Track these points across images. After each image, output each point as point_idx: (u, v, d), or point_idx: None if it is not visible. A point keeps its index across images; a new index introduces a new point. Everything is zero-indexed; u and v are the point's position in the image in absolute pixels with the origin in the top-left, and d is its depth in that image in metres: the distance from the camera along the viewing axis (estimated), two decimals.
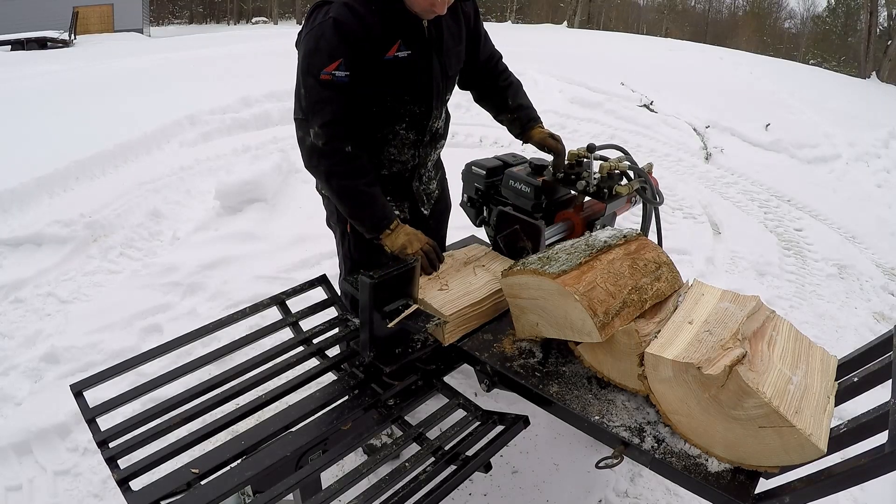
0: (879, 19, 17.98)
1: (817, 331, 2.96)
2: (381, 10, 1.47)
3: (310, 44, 1.45)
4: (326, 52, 1.43)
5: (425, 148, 1.73)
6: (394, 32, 1.50)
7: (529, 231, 1.78)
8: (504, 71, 1.90)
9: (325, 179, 1.53)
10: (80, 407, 1.35)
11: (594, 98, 6.76)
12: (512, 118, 1.88)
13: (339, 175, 1.51)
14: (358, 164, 1.52)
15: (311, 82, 1.45)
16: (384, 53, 1.49)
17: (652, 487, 1.93)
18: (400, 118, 1.62)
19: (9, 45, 12.03)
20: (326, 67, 1.43)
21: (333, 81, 1.44)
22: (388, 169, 1.70)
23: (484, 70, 1.85)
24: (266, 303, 1.67)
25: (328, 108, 1.45)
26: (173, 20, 31.58)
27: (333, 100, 1.45)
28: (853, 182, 5.43)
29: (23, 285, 2.81)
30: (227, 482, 1.21)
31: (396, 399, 1.46)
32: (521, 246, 1.78)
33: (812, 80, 11.13)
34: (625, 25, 34.54)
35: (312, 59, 1.45)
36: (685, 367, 1.11)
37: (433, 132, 1.72)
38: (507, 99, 1.86)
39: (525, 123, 1.87)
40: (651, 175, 1.99)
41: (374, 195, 1.55)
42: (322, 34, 1.43)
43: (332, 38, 1.42)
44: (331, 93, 1.44)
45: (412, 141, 1.67)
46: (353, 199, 1.54)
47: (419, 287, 1.54)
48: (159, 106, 5.27)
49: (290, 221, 3.51)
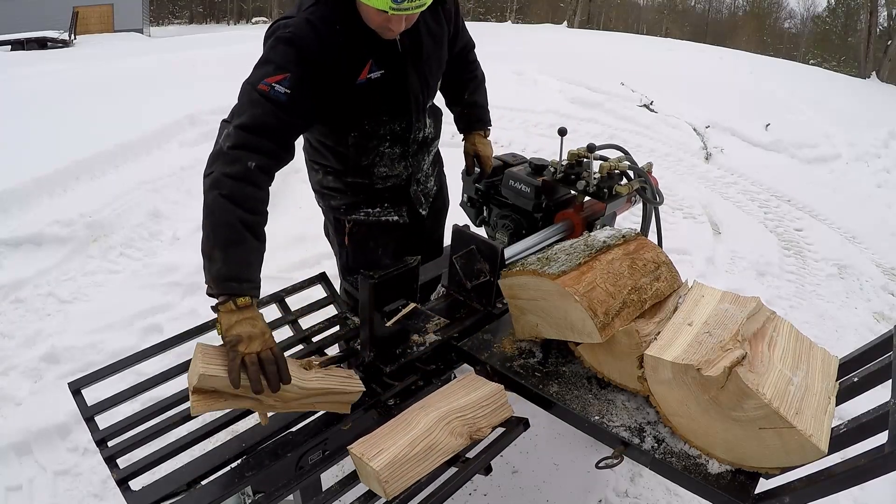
0: (879, 19, 17.99)
1: (817, 331, 2.96)
2: (347, 29, 1.35)
3: (261, 56, 1.34)
4: (274, 64, 1.30)
5: (416, 157, 1.66)
6: (363, 52, 1.38)
7: (487, 252, 1.57)
8: (472, 62, 1.84)
9: (210, 187, 1.21)
10: (79, 405, 1.35)
11: (594, 98, 6.76)
12: (461, 112, 1.85)
13: (225, 188, 1.19)
14: (250, 191, 1.22)
15: (247, 87, 1.30)
16: (356, 77, 1.39)
17: (652, 487, 1.93)
18: (381, 138, 1.53)
19: (9, 45, 12.02)
20: (268, 78, 1.28)
21: (269, 94, 1.27)
22: (382, 184, 1.63)
23: (455, 60, 1.77)
24: (265, 300, 1.67)
25: (254, 111, 1.27)
26: (173, 20, 31.59)
27: (263, 108, 1.27)
28: (853, 182, 5.43)
29: (23, 285, 2.81)
30: (227, 482, 1.21)
31: (396, 399, 1.46)
32: (477, 269, 1.59)
33: (812, 80, 11.13)
34: (625, 25, 34.54)
35: (257, 69, 1.32)
36: (685, 368, 1.11)
37: (419, 141, 1.64)
38: (464, 92, 1.82)
39: (470, 123, 1.84)
40: (651, 175, 1.99)
41: (245, 240, 1.19)
42: (274, 47, 1.32)
43: (285, 53, 1.30)
44: (263, 101, 1.27)
45: (399, 154, 1.60)
46: (220, 227, 1.18)
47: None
48: (159, 106, 5.27)
49: (290, 221, 3.51)
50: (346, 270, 1.81)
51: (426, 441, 1.18)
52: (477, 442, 1.28)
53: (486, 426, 1.30)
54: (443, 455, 1.21)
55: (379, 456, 1.13)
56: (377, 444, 1.16)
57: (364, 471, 1.16)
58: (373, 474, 1.12)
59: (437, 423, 1.22)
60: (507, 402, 1.35)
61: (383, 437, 1.19)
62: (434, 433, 1.20)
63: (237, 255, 1.18)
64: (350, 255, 1.76)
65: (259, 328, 1.17)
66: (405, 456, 1.15)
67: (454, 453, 1.23)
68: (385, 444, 1.16)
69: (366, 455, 1.14)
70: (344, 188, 1.67)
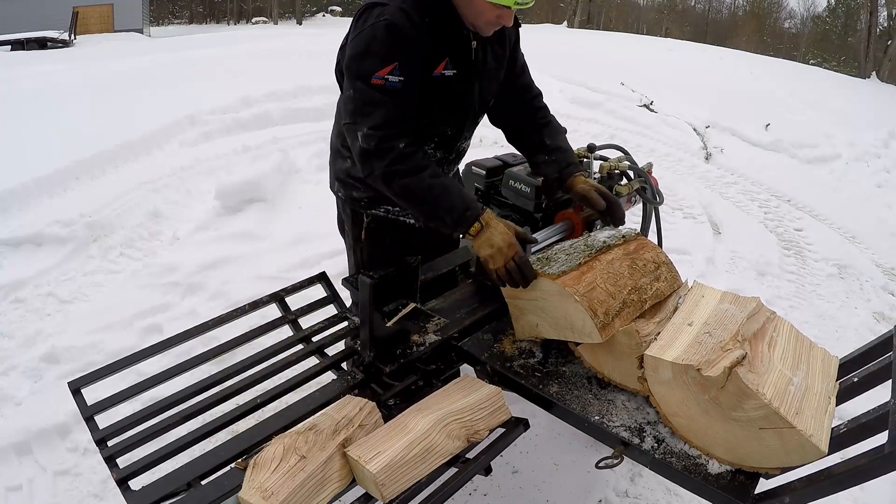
0: (879, 19, 17.99)
1: (817, 331, 2.96)
2: (435, 23, 1.38)
3: (359, 46, 1.35)
4: (379, 56, 1.33)
5: (449, 165, 1.69)
6: (443, 49, 1.42)
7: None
8: (542, 108, 1.74)
9: (385, 183, 1.37)
10: (78, 404, 1.35)
11: (594, 98, 6.76)
12: (547, 158, 1.67)
13: (399, 174, 1.36)
14: (416, 159, 1.37)
15: (360, 85, 1.35)
16: (433, 70, 1.42)
17: (652, 487, 1.93)
18: (430, 138, 1.55)
19: (9, 45, 12.02)
20: (378, 71, 1.32)
21: (385, 87, 1.33)
22: None
23: (520, 102, 1.71)
24: (265, 300, 1.67)
25: (378, 110, 1.34)
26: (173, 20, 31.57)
27: (384, 103, 1.34)
28: (853, 182, 5.43)
29: (23, 285, 2.81)
30: (227, 482, 1.21)
31: (396, 399, 1.46)
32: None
33: (812, 80, 11.13)
34: (625, 25, 34.52)
35: (363, 63, 1.34)
36: (684, 368, 1.11)
37: (459, 151, 1.68)
38: (545, 138, 1.67)
39: (563, 168, 1.64)
40: (651, 175, 1.99)
41: (447, 186, 1.38)
42: (374, 36, 1.33)
43: (386, 42, 1.32)
44: (381, 97, 1.34)
45: (438, 160, 1.61)
46: (422, 195, 1.37)
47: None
48: (159, 106, 5.27)
49: (290, 221, 3.52)
50: (360, 266, 1.79)
51: (423, 444, 1.18)
52: (474, 444, 1.28)
53: (483, 429, 1.29)
54: (440, 457, 1.20)
55: (376, 459, 1.13)
56: (374, 447, 1.16)
57: (361, 473, 1.16)
58: (370, 477, 1.12)
59: (435, 426, 1.22)
60: (504, 404, 1.35)
61: (380, 439, 1.19)
62: (431, 436, 1.20)
63: (453, 198, 1.37)
64: (365, 250, 1.74)
65: (507, 239, 1.37)
66: (402, 459, 1.14)
67: (451, 456, 1.23)
68: (382, 447, 1.16)
69: (363, 458, 1.13)
70: None
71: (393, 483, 1.12)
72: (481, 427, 1.29)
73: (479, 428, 1.28)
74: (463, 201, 1.38)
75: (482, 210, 1.38)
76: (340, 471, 1.17)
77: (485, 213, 1.38)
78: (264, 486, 1.08)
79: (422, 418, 1.23)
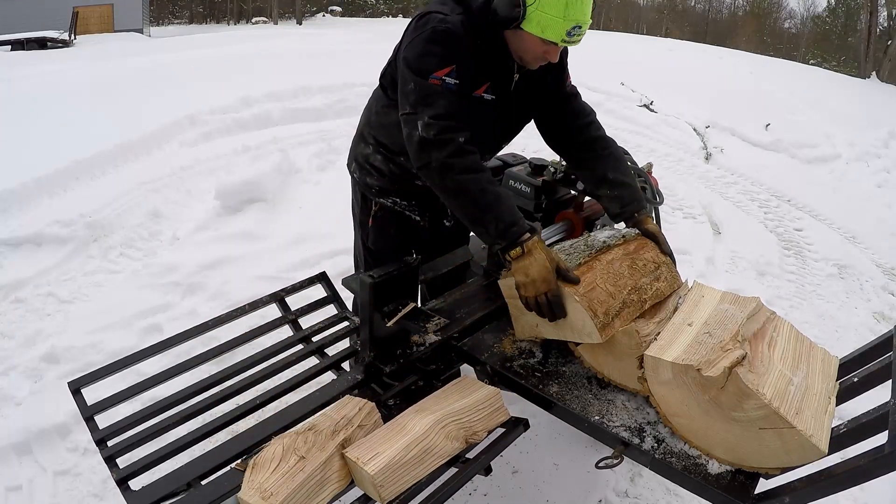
0: (879, 19, 17.97)
1: (817, 331, 2.96)
2: (485, 47, 1.43)
3: (418, 47, 1.39)
4: (438, 56, 1.37)
5: None
6: (486, 73, 1.46)
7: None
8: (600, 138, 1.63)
9: (440, 175, 1.36)
10: (78, 404, 1.35)
11: (594, 98, 6.74)
12: (610, 194, 1.57)
13: (456, 168, 1.34)
14: (475, 159, 1.37)
15: (421, 82, 1.38)
16: (474, 90, 1.46)
17: (652, 487, 1.93)
18: None
19: (9, 45, 12.01)
20: (437, 72, 1.36)
21: (442, 88, 1.37)
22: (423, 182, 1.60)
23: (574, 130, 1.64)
24: (265, 300, 1.67)
25: (440, 101, 1.36)
26: (173, 20, 31.56)
27: (445, 97, 1.37)
28: (853, 182, 5.43)
29: (23, 285, 2.81)
30: (227, 482, 1.21)
31: (396, 399, 1.46)
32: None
33: (812, 80, 11.13)
34: (625, 25, 34.53)
35: (423, 61, 1.38)
36: (684, 369, 1.11)
37: None
38: (607, 172, 1.58)
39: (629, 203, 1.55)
40: (651, 175, 1.99)
41: (500, 195, 1.36)
42: (435, 39, 1.38)
43: (447, 44, 1.37)
44: (442, 92, 1.37)
45: None
46: (475, 197, 1.34)
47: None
48: (159, 106, 5.27)
49: (290, 221, 3.52)
50: (365, 249, 1.84)
51: (422, 445, 1.18)
52: (473, 446, 1.28)
53: (481, 430, 1.29)
54: (438, 459, 1.20)
55: (374, 460, 1.12)
56: (372, 448, 1.16)
57: (359, 475, 1.16)
58: (368, 478, 1.11)
59: (433, 427, 1.21)
60: (503, 405, 1.35)
61: (378, 440, 1.19)
62: (430, 437, 1.20)
63: (503, 208, 1.34)
64: (371, 236, 1.79)
65: (544, 275, 1.30)
66: (400, 460, 1.14)
67: (450, 457, 1.22)
68: (380, 448, 1.15)
69: (360, 459, 1.13)
70: (386, 171, 1.71)
71: (391, 484, 1.12)
72: (479, 428, 1.29)
73: (477, 429, 1.28)
74: (512, 215, 1.34)
75: (528, 231, 1.34)
76: (340, 471, 1.17)
77: (531, 238, 1.33)
78: (263, 486, 1.09)
79: (420, 419, 1.23)
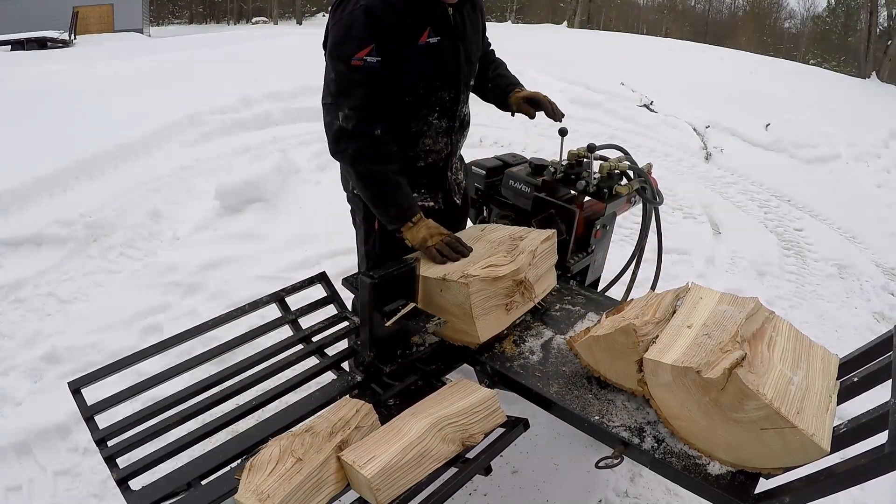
0: (879, 19, 17.95)
1: (817, 331, 2.96)
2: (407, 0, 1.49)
3: (340, 32, 1.46)
4: (357, 39, 1.44)
5: (456, 135, 1.74)
6: (423, 20, 1.52)
7: (564, 215, 1.88)
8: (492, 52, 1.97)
9: (352, 163, 1.52)
10: (78, 404, 1.35)
11: (594, 98, 6.76)
12: (492, 85, 1.89)
13: (367, 159, 1.51)
14: (387, 150, 1.53)
15: (342, 68, 1.46)
16: (417, 40, 1.52)
17: (652, 487, 1.93)
18: (431, 107, 1.63)
19: (9, 45, 12.00)
20: (357, 53, 1.44)
21: (364, 66, 1.45)
22: (424, 160, 1.71)
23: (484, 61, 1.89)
24: (265, 300, 1.67)
25: (359, 91, 1.47)
26: (173, 20, 31.57)
27: (364, 83, 1.46)
28: (853, 182, 5.43)
29: (23, 285, 2.81)
30: (227, 482, 1.21)
31: (396, 399, 1.46)
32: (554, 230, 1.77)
33: (812, 80, 11.12)
34: (625, 25, 34.51)
35: (343, 46, 1.46)
36: (684, 371, 1.11)
37: (462, 118, 1.75)
38: (488, 71, 1.90)
39: (503, 88, 1.87)
40: (651, 175, 1.99)
41: (401, 184, 1.55)
42: (353, 22, 1.44)
43: (364, 26, 1.43)
44: (362, 77, 1.46)
45: (444, 129, 1.69)
46: (380, 185, 1.53)
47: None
48: (159, 106, 5.26)
49: (290, 221, 3.51)
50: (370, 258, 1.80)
51: (418, 448, 1.18)
52: (469, 448, 1.28)
53: (478, 432, 1.29)
54: (435, 462, 1.20)
55: (370, 463, 1.12)
56: (369, 451, 1.16)
57: (356, 478, 1.15)
58: (364, 482, 1.11)
59: (430, 430, 1.21)
60: (499, 408, 1.35)
61: (375, 443, 1.19)
62: (426, 440, 1.19)
63: (398, 197, 1.55)
64: (378, 241, 1.75)
65: (433, 227, 1.58)
66: (397, 463, 1.14)
67: (446, 460, 1.22)
68: (377, 452, 1.15)
69: (357, 462, 1.13)
70: None
71: (387, 488, 1.12)
72: (476, 431, 1.29)
73: (473, 432, 1.28)
74: (408, 202, 1.56)
75: (419, 211, 1.58)
76: (337, 473, 1.17)
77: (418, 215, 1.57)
78: (260, 488, 1.08)
79: (416, 423, 1.23)
